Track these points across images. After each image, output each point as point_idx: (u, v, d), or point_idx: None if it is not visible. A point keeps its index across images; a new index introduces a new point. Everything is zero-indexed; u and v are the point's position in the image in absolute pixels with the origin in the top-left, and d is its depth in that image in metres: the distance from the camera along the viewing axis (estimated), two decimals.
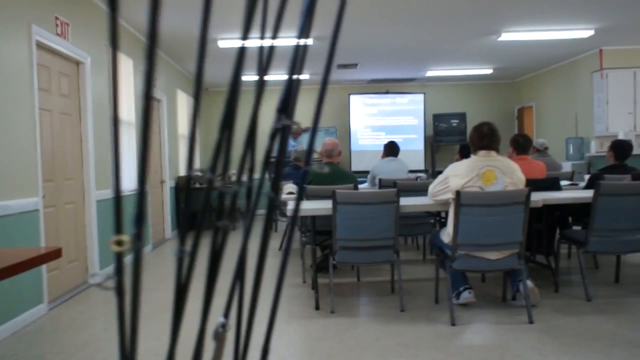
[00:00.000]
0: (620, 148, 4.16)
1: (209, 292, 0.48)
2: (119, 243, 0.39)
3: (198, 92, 0.51)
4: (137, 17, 5.07)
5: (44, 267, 3.56)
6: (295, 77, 0.51)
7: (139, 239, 0.39)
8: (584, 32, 6.28)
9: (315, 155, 7.06)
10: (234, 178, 0.60)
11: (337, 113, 9.85)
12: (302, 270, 4.48)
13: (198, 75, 0.50)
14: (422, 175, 7.22)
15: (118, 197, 0.43)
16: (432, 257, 4.45)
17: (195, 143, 0.49)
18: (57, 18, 3.86)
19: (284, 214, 3.76)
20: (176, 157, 7.54)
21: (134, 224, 0.39)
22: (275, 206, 0.50)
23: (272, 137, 0.49)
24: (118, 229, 0.45)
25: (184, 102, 8.14)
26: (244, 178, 0.58)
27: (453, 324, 3.06)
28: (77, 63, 4.28)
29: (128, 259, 0.44)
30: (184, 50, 6.63)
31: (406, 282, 4.11)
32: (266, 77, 0.55)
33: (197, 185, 0.62)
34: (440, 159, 9.52)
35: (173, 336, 0.45)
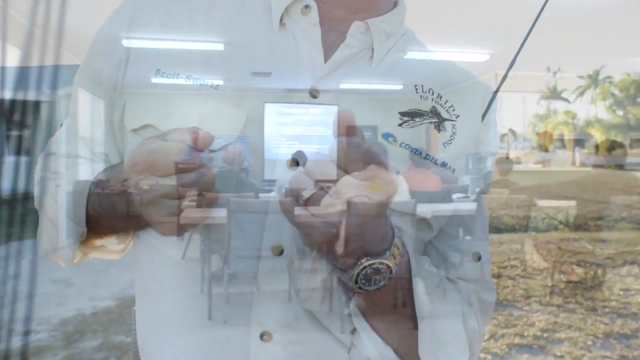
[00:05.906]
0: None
1: None
2: None
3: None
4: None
5: None
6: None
7: None
8: (480, 56, 6.81)
9: (222, 163, 6.92)
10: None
11: (251, 121, 9.81)
12: (200, 279, 4.34)
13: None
14: (332, 185, 7.38)
15: None
16: None
17: None
18: None
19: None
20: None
21: None
22: None
23: None
24: None
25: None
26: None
27: (342, 332, 3.11)
28: None
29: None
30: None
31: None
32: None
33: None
34: None
35: None
